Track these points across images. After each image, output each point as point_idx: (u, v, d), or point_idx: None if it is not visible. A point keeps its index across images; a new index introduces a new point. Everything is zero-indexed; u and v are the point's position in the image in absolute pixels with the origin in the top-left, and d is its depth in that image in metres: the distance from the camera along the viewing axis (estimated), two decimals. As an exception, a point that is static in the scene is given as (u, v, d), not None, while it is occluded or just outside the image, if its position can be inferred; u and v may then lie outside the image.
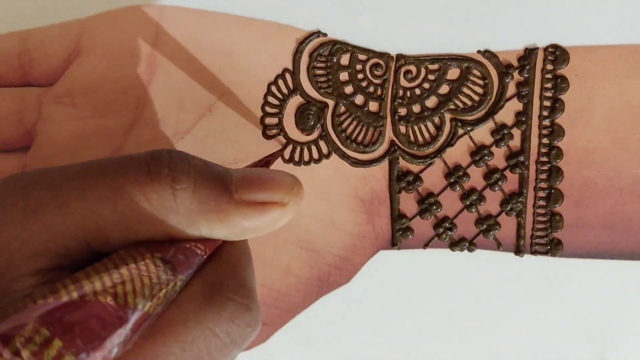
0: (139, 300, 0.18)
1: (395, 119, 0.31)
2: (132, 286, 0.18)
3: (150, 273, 0.19)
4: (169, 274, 0.19)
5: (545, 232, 0.31)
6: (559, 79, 0.30)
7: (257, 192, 0.20)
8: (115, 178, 0.19)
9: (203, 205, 0.20)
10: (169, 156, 0.20)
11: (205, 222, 0.20)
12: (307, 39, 0.30)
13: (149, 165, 0.19)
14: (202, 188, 0.20)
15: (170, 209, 0.19)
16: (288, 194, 0.21)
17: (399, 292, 0.32)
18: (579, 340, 0.32)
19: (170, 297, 0.19)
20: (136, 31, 0.30)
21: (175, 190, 0.19)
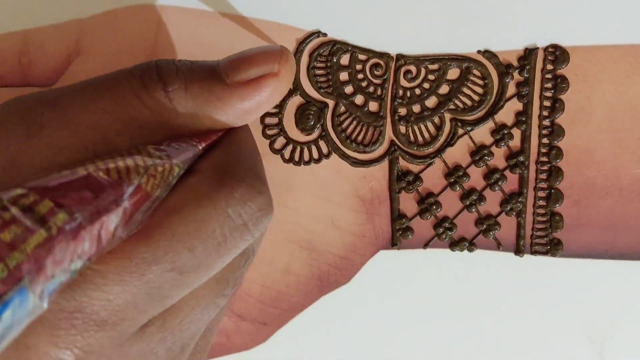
0: (133, 175, 0.19)
1: (395, 119, 0.31)
2: (124, 165, 0.19)
3: (144, 159, 0.19)
4: (163, 159, 0.19)
5: (545, 232, 0.31)
6: (559, 79, 0.30)
7: (246, 70, 0.21)
8: (113, 90, 0.20)
9: (198, 99, 0.20)
10: (156, 64, 0.21)
11: (205, 114, 0.21)
12: (307, 39, 0.30)
13: (140, 75, 0.20)
14: (193, 84, 0.20)
15: (168, 110, 0.20)
16: (277, 62, 0.21)
17: (399, 292, 0.32)
18: (579, 340, 0.32)
19: (169, 181, 0.20)
20: (136, 31, 0.30)
21: (168, 93, 0.20)
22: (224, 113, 0.21)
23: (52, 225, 0.16)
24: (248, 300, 0.32)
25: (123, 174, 0.18)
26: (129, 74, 0.21)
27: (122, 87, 0.20)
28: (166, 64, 0.21)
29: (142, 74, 0.20)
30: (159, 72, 0.21)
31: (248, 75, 0.21)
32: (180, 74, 0.21)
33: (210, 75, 0.21)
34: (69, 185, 0.17)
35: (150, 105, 0.20)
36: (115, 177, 0.18)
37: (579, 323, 0.32)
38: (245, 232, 0.21)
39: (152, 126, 0.20)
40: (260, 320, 0.32)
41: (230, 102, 0.21)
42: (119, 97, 0.20)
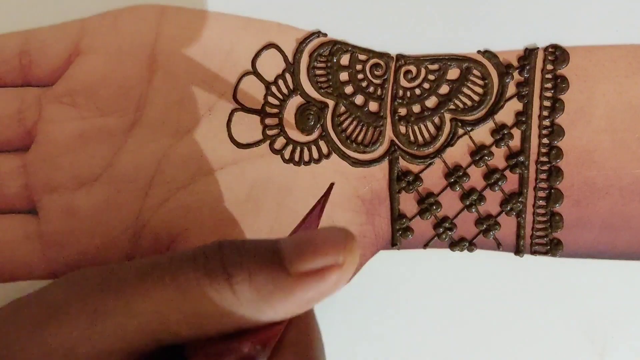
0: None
1: (395, 119, 0.31)
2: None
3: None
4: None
5: (545, 232, 0.31)
6: (559, 79, 0.30)
7: (311, 261, 0.20)
8: (174, 279, 0.20)
9: (262, 291, 0.20)
10: (220, 251, 0.20)
11: (267, 307, 0.20)
12: (307, 39, 0.30)
13: (204, 264, 0.20)
14: (257, 275, 0.20)
15: (232, 303, 0.20)
16: (342, 253, 0.20)
17: (399, 292, 0.32)
18: (579, 340, 0.32)
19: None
20: (137, 31, 0.30)
21: (232, 286, 0.20)
22: (286, 304, 0.20)
23: None
24: (248, 301, 0.32)
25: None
26: (192, 261, 0.20)
27: (186, 278, 0.20)
28: (230, 251, 0.20)
29: (206, 263, 0.20)
30: (223, 262, 0.20)
31: (312, 266, 0.20)
32: (245, 263, 0.20)
33: (274, 264, 0.20)
34: None
35: (214, 297, 0.20)
36: None
37: (579, 323, 0.32)
38: None
39: (214, 318, 0.20)
40: (261, 321, 0.32)
41: (293, 294, 0.20)
42: (183, 288, 0.20)
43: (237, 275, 0.20)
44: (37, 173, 0.30)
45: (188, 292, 0.20)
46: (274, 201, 0.31)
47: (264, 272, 0.20)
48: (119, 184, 0.30)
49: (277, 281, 0.20)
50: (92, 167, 0.30)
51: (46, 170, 0.30)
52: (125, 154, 0.30)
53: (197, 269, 0.20)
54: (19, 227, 0.30)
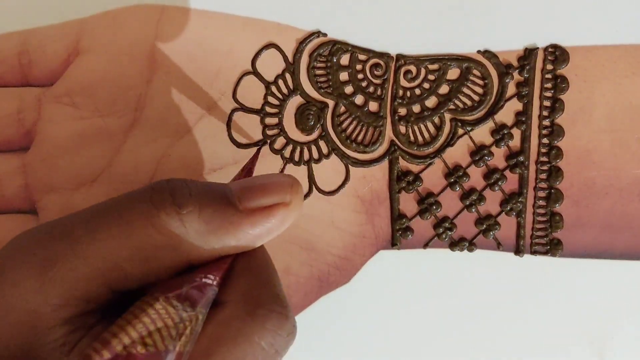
0: (169, 342, 0.19)
1: (395, 119, 0.31)
2: (158, 332, 0.19)
3: (170, 314, 0.19)
4: (188, 311, 0.20)
5: (545, 232, 0.31)
6: (558, 79, 0.30)
7: (259, 198, 0.21)
8: (122, 216, 0.20)
9: (211, 223, 0.20)
10: (169, 185, 0.21)
11: (216, 239, 0.20)
12: (307, 39, 0.30)
13: (151, 197, 0.20)
14: (206, 207, 0.20)
15: (181, 234, 0.20)
16: (289, 192, 0.22)
17: (399, 292, 0.32)
18: (579, 340, 0.32)
19: (196, 330, 0.20)
20: (136, 31, 0.30)
21: (182, 216, 0.20)
22: (235, 238, 0.21)
23: None
24: (248, 301, 0.32)
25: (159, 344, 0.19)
26: (140, 197, 0.20)
27: (133, 212, 0.20)
28: (179, 186, 0.21)
29: (154, 197, 0.20)
30: (172, 194, 0.20)
31: (260, 203, 0.21)
32: (194, 196, 0.20)
33: (223, 199, 0.21)
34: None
35: (162, 229, 0.20)
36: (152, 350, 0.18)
37: (579, 323, 0.32)
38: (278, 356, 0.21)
39: (163, 250, 0.20)
40: (260, 321, 0.32)
41: (241, 228, 0.21)
42: (129, 224, 0.20)
43: (187, 206, 0.20)
44: (36, 173, 0.30)
45: (136, 225, 0.20)
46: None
47: (213, 205, 0.20)
48: (118, 184, 0.30)
49: (226, 215, 0.20)
50: (91, 167, 0.30)
51: (46, 170, 0.30)
52: (125, 154, 0.30)
53: (145, 201, 0.20)
54: (18, 227, 0.30)
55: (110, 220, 0.20)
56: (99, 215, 0.20)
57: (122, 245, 0.20)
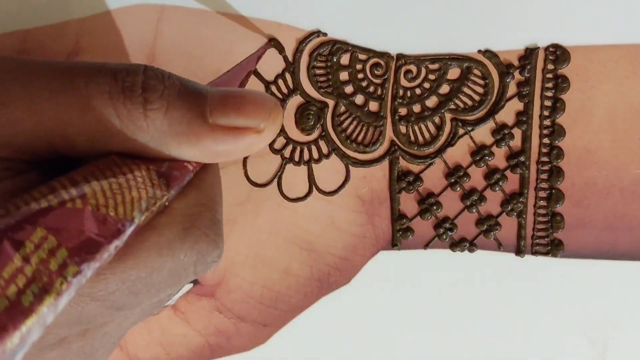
0: (136, 213, 0.18)
1: (395, 119, 0.30)
2: (130, 197, 0.18)
3: (146, 186, 0.18)
4: (163, 189, 0.19)
5: (546, 233, 0.31)
6: (559, 79, 0.30)
7: (232, 117, 0.20)
8: (87, 85, 0.19)
9: (174, 127, 0.19)
10: (144, 74, 0.19)
11: (175, 144, 0.19)
12: (307, 39, 0.30)
13: (123, 80, 0.19)
14: (174, 110, 0.19)
15: (139, 127, 0.19)
16: (265, 119, 0.20)
17: (399, 293, 0.32)
18: (579, 340, 0.32)
19: (158, 211, 0.19)
20: (136, 31, 0.30)
21: (146, 111, 0.19)
22: (194, 148, 0.20)
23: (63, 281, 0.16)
24: (248, 302, 0.32)
25: (128, 211, 0.18)
26: (112, 74, 0.19)
27: (100, 87, 0.19)
28: (154, 78, 0.19)
29: (126, 81, 0.19)
30: (144, 85, 0.19)
31: (231, 122, 0.20)
32: (166, 94, 0.19)
33: (195, 106, 0.20)
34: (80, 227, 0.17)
35: (123, 116, 0.19)
36: (121, 214, 0.18)
37: (580, 324, 0.31)
38: (192, 277, 0.21)
39: (116, 137, 0.19)
40: (260, 322, 0.32)
41: (204, 141, 0.20)
42: (93, 97, 0.19)
43: (154, 103, 0.19)
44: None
45: (97, 104, 0.19)
46: (274, 201, 0.31)
47: (182, 109, 0.19)
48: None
49: (192, 124, 0.19)
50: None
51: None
52: (125, 154, 0.30)
53: (115, 83, 0.19)
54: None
55: (75, 86, 0.19)
56: (64, 76, 0.19)
57: (76, 116, 0.19)
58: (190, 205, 0.20)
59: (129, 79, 0.19)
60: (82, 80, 0.19)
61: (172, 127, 0.19)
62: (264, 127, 0.20)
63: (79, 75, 0.19)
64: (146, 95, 0.19)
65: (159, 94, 0.19)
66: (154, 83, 0.19)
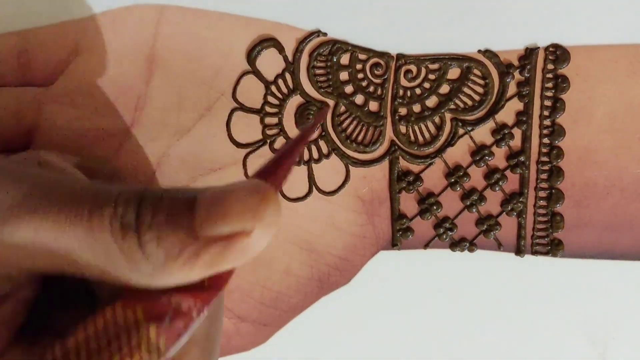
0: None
1: (395, 119, 0.30)
2: None
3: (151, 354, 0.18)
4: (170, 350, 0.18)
5: (546, 233, 0.31)
6: (559, 79, 0.30)
7: (219, 225, 0.18)
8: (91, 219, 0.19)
9: (170, 253, 0.19)
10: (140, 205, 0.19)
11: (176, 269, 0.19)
12: (307, 39, 0.30)
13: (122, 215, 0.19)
14: (166, 237, 0.19)
15: (140, 261, 0.19)
16: (250, 220, 0.18)
17: (399, 293, 0.32)
18: (579, 340, 0.32)
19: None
20: (136, 31, 0.30)
21: (142, 244, 0.19)
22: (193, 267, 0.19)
23: None
24: (248, 302, 0.32)
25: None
26: (113, 209, 0.19)
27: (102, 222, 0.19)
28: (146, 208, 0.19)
29: (124, 216, 0.19)
30: (137, 220, 0.19)
31: (219, 231, 0.18)
32: (154, 224, 0.19)
33: (183, 225, 0.18)
34: None
35: (124, 250, 0.18)
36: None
37: (580, 323, 0.31)
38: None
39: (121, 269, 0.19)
40: (260, 322, 0.32)
41: (199, 258, 0.18)
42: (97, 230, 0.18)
43: (146, 235, 0.18)
44: (36, 173, 0.30)
45: (101, 237, 0.18)
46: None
47: (173, 236, 0.18)
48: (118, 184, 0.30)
49: (185, 244, 0.18)
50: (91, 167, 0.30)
51: (45, 170, 0.30)
52: (125, 154, 0.30)
53: (115, 218, 0.19)
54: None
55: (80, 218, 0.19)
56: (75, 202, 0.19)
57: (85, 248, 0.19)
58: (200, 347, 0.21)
59: (127, 215, 0.19)
60: (86, 212, 0.19)
61: (169, 255, 0.18)
62: (251, 228, 0.18)
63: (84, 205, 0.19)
64: (139, 230, 0.19)
65: (149, 225, 0.19)
66: (146, 214, 0.19)
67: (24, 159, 0.25)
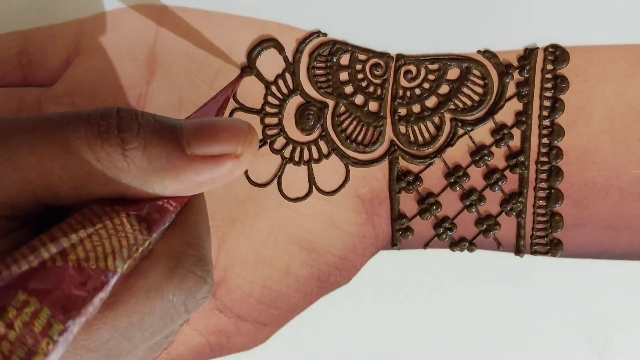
0: (119, 262, 0.18)
1: (395, 119, 0.31)
2: (111, 247, 0.18)
3: (127, 233, 0.19)
4: (144, 234, 0.19)
5: (545, 232, 0.31)
6: (559, 79, 0.30)
7: (209, 146, 0.20)
8: (65, 135, 0.19)
9: (154, 163, 0.19)
10: (118, 116, 0.20)
11: (158, 180, 0.20)
12: (307, 39, 0.30)
13: (98, 124, 0.19)
14: (152, 146, 0.19)
15: (121, 168, 0.19)
16: (241, 144, 0.20)
17: (399, 292, 0.32)
18: (578, 340, 0.32)
19: (142, 256, 0.19)
20: (136, 31, 0.30)
21: (125, 151, 0.19)
22: (177, 182, 0.20)
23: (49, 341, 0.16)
24: (248, 301, 0.32)
25: (109, 262, 0.18)
26: (87, 120, 0.19)
27: (77, 134, 0.19)
28: (128, 118, 0.20)
29: (101, 124, 0.19)
30: (119, 126, 0.19)
31: (210, 151, 0.20)
32: (142, 132, 0.20)
33: (171, 140, 0.20)
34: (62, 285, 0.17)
35: (102, 159, 0.19)
36: (103, 266, 0.18)
37: (579, 323, 0.32)
38: (185, 317, 0.21)
39: (99, 181, 0.19)
40: (261, 321, 0.32)
41: (185, 173, 0.20)
42: (71, 144, 0.19)
43: (132, 142, 0.19)
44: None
45: (76, 150, 0.19)
46: (274, 201, 0.31)
47: (159, 145, 0.20)
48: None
49: (171, 157, 0.20)
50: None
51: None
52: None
53: (90, 128, 0.19)
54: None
55: (52, 137, 0.19)
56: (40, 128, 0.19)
57: (59, 164, 0.19)
58: (174, 245, 0.21)
59: (104, 122, 0.19)
60: (58, 129, 0.19)
61: (153, 164, 0.19)
62: (241, 151, 0.20)
63: (55, 126, 0.19)
64: (122, 136, 0.19)
65: (134, 132, 0.19)
66: (129, 123, 0.20)
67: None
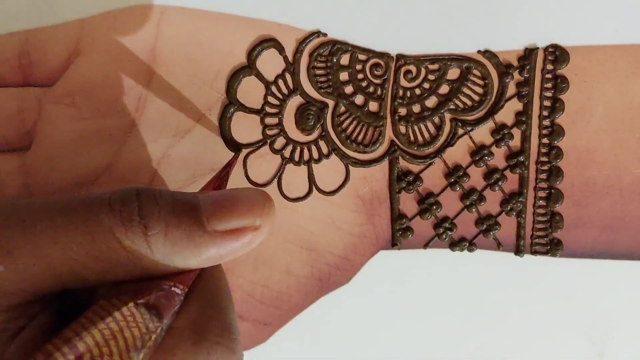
0: (133, 354, 0.18)
1: (395, 119, 0.31)
2: (124, 341, 0.18)
3: (137, 323, 0.19)
4: (155, 321, 0.19)
5: (545, 232, 0.31)
6: (559, 79, 0.30)
7: (228, 221, 0.20)
8: (87, 222, 0.19)
9: (176, 246, 0.20)
10: (138, 200, 0.20)
11: (180, 260, 0.20)
12: (307, 39, 0.30)
13: (120, 211, 0.19)
14: (174, 229, 0.20)
15: (145, 253, 0.19)
16: (259, 215, 0.21)
17: (399, 292, 0.32)
18: (579, 340, 0.32)
19: (157, 342, 0.19)
20: (136, 31, 0.30)
21: (148, 237, 0.19)
22: (198, 257, 0.20)
23: None
24: (249, 301, 0.32)
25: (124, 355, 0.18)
26: (108, 207, 0.19)
27: (100, 223, 0.19)
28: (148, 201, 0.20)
29: (123, 211, 0.19)
30: (140, 212, 0.19)
31: (229, 226, 0.20)
32: (162, 215, 0.20)
33: (191, 219, 0.20)
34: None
35: (127, 247, 0.19)
36: None
37: (579, 323, 0.32)
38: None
39: (123, 264, 0.19)
40: (261, 321, 0.32)
41: (206, 249, 0.20)
42: (95, 232, 0.19)
43: (154, 228, 0.19)
44: (36, 173, 0.30)
45: (100, 238, 0.19)
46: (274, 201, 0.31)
47: (180, 227, 0.20)
48: (118, 184, 0.30)
49: (192, 236, 0.20)
50: (91, 167, 0.30)
51: (46, 170, 0.30)
52: (125, 155, 0.30)
53: (113, 216, 0.19)
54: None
55: (76, 224, 0.19)
56: (64, 216, 0.19)
57: (83, 254, 0.19)
58: (196, 318, 0.21)
59: (125, 209, 0.19)
60: (81, 218, 0.19)
61: (175, 246, 0.20)
62: (260, 223, 0.21)
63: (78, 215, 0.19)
64: (145, 222, 0.19)
65: (155, 216, 0.20)
66: (150, 207, 0.20)
67: None
